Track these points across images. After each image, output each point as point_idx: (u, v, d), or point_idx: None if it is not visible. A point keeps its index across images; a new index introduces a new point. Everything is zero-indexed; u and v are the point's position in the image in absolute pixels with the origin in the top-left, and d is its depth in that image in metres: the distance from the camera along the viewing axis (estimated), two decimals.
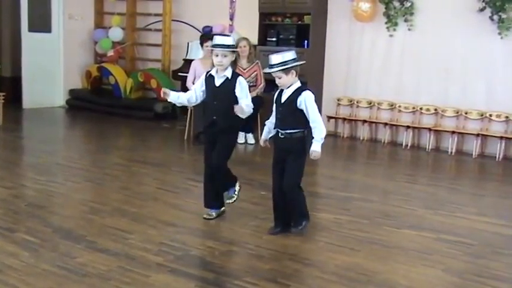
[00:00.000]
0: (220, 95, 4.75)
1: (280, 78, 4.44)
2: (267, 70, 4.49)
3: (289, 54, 4.44)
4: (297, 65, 4.46)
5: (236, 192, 5.04)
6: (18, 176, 6.40)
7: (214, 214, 5.02)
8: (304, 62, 4.62)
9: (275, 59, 4.42)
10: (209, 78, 4.83)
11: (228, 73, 4.75)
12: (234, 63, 4.85)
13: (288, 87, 4.48)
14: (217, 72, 4.77)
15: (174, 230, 4.72)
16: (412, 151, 8.62)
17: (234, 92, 4.72)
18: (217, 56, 4.70)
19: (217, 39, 4.74)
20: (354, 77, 9.42)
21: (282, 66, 4.39)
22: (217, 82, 4.76)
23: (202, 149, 7.97)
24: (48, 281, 3.65)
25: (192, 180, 6.35)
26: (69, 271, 3.80)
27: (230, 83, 4.73)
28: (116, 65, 11.42)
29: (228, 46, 4.70)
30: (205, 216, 5.01)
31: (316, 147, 4.45)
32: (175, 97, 4.96)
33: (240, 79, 4.78)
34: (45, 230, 4.58)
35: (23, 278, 3.68)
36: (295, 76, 4.47)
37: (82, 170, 6.73)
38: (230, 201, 5.05)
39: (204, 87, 4.87)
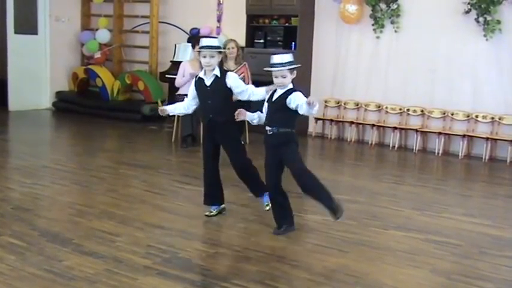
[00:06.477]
0: (213, 93, 4.89)
1: (284, 77, 4.52)
2: (275, 69, 4.49)
3: (291, 56, 4.57)
4: (299, 66, 4.61)
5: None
6: (4, 178, 6.35)
7: (214, 212, 5.12)
8: (300, 64, 4.73)
9: (281, 58, 4.51)
10: (199, 81, 4.99)
11: (217, 72, 4.90)
12: (220, 64, 5.05)
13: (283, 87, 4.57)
14: (205, 73, 4.94)
15: (162, 232, 4.71)
16: (399, 152, 8.65)
17: (226, 87, 4.87)
18: (205, 57, 4.86)
19: (204, 42, 4.92)
20: (341, 78, 9.46)
21: (290, 65, 4.50)
22: (208, 82, 4.91)
23: (189, 151, 8.17)
24: (35, 285, 3.63)
25: (179, 182, 6.34)
26: (55, 275, 3.78)
27: (220, 80, 4.89)
28: (103, 67, 11.36)
29: (214, 47, 4.87)
30: (206, 213, 5.11)
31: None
32: (172, 109, 5.19)
33: (229, 73, 4.97)
34: (32, 233, 4.55)
35: (9, 282, 3.65)
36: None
37: (69, 172, 6.69)
38: (268, 208, 5.05)
39: (195, 93, 5.01)
